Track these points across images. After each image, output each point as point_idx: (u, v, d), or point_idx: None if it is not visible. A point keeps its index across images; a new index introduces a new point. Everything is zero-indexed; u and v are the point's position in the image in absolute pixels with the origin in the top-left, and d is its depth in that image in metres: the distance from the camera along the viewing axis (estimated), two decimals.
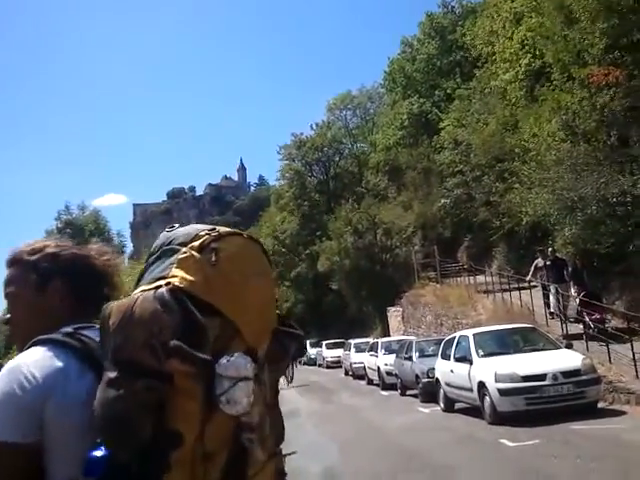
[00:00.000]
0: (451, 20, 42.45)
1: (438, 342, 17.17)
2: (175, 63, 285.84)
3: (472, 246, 34.81)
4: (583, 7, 16.53)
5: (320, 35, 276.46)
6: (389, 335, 32.29)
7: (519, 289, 20.35)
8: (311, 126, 54.25)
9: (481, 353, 12.55)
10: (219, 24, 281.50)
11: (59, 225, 36.65)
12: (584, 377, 10.96)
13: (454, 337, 14.55)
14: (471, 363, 12.37)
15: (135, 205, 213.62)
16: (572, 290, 16.37)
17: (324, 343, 39.31)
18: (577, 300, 15.68)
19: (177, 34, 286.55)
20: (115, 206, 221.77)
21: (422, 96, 41.41)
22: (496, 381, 11.15)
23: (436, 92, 40.68)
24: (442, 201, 32.77)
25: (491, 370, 11.44)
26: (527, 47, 23.90)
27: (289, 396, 24.44)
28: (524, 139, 21.39)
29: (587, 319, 14.71)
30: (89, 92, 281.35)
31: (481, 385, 11.66)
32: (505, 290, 21.67)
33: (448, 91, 38.33)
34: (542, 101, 20.40)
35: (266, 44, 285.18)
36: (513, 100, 25.34)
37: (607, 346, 13.02)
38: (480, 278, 25.58)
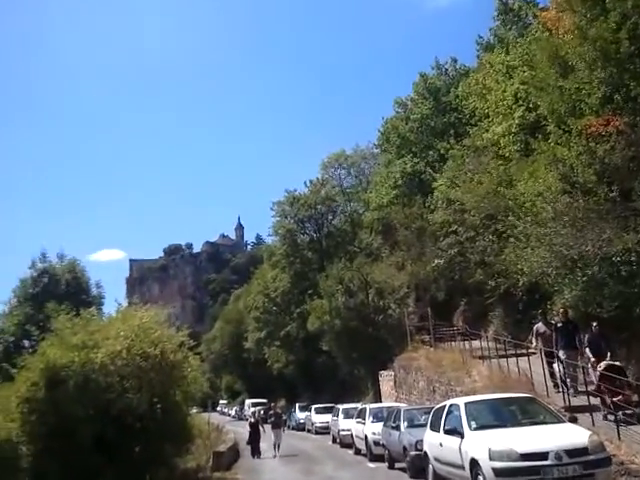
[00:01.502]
0: (445, 82, 42.46)
1: (429, 411, 15.70)
2: (173, 120, 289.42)
3: (468, 310, 33.82)
4: (579, 55, 15.85)
5: (317, 94, 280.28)
6: (381, 400, 31.10)
7: (516, 355, 19.34)
8: (305, 183, 53.87)
9: (474, 425, 11.12)
10: (216, 80, 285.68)
11: (34, 274, 35.40)
12: (592, 457, 9.52)
13: (444, 406, 13.12)
14: (462, 436, 10.97)
15: (132, 261, 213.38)
16: (588, 359, 14.63)
17: (313, 407, 37.66)
18: (597, 373, 13.83)
19: (176, 91, 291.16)
20: (112, 261, 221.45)
21: (416, 156, 41.02)
22: (491, 459, 9.76)
23: (430, 152, 40.32)
24: (436, 261, 31.78)
25: (485, 446, 10.05)
26: (521, 100, 23.35)
27: (271, 465, 22.93)
28: (519, 194, 20.43)
29: (609, 399, 12.91)
30: (86, 149, 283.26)
31: (474, 463, 10.24)
32: (502, 356, 20.54)
33: (442, 151, 38.01)
34: (537, 154, 19.56)
35: (263, 101, 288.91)
36: (507, 154, 24.58)
37: (616, 421, 11.57)
38: (476, 343, 24.51)
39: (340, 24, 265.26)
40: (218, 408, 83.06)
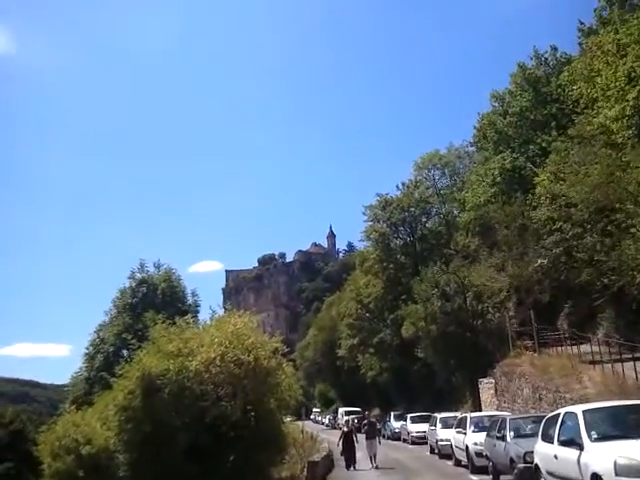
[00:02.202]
0: (544, 72, 40.32)
1: (537, 420, 14.60)
2: (263, 132, 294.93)
3: (573, 312, 31.77)
4: None
5: (407, 95, 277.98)
6: (481, 409, 29.67)
7: (633, 359, 17.84)
8: (397, 186, 52.44)
9: (594, 436, 9.74)
10: (305, 88, 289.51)
11: (132, 284, 36.04)
12: None
13: (558, 414, 11.73)
14: (581, 448, 9.65)
15: (227, 271, 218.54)
16: None
17: (409, 416, 36.24)
18: None
19: (266, 104, 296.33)
20: (210, 272, 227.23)
21: (515, 151, 39.07)
22: (617, 474, 8.49)
23: (530, 146, 38.30)
24: (539, 261, 29.90)
25: (609, 459, 8.71)
26: (635, 80, 21.29)
27: (367, 477, 22.01)
28: (637, 182, 18.60)
29: None
30: (184, 167, 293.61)
31: (595, 478, 8.96)
32: (616, 360, 19.06)
33: (543, 145, 36.08)
34: None
35: (354, 106, 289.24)
36: (620, 140, 22.59)
37: None
38: (584, 347, 22.93)
39: (427, 23, 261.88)
40: (311, 416, 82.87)
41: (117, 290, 36.19)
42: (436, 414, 28.63)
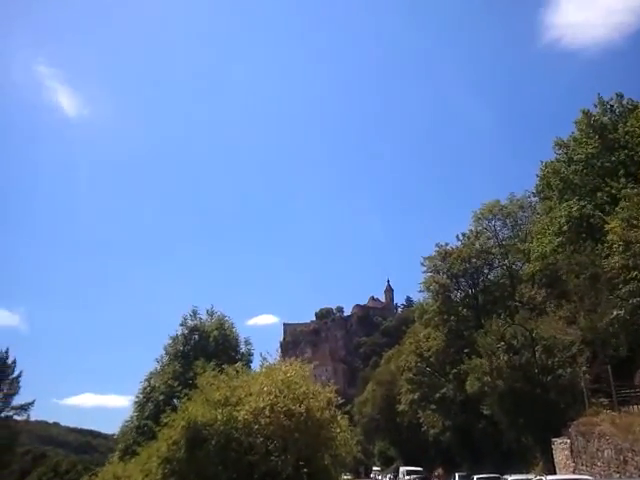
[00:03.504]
0: (610, 119, 38.83)
1: None
2: (321, 182, 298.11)
3: None
4: None
5: (465, 144, 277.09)
6: (555, 471, 27.53)
7: None
8: (457, 236, 51.16)
9: None
10: (362, 135, 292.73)
11: (185, 331, 35.33)
12: None
13: None
14: None
15: (285, 325, 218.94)
16: None
17: (475, 477, 34.02)
18: None
19: (325, 153, 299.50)
20: (267, 325, 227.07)
21: (582, 199, 37.27)
22: None
23: (598, 194, 36.55)
24: (614, 312, 27.90)
25: None
26: None
27: None
28: None
29: None
30: (244, 224, 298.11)
31: None
32: None
33: (612, 192, 34.34)
34: None
35: (413, 156, 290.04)
36: None
37: None
38: None
39: (489, 68, 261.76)
40: (371, 475, 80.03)
41: (169, 337, 35.58)
42: (506, 476, 26.61)
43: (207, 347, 33.02)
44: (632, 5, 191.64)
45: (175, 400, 26.51)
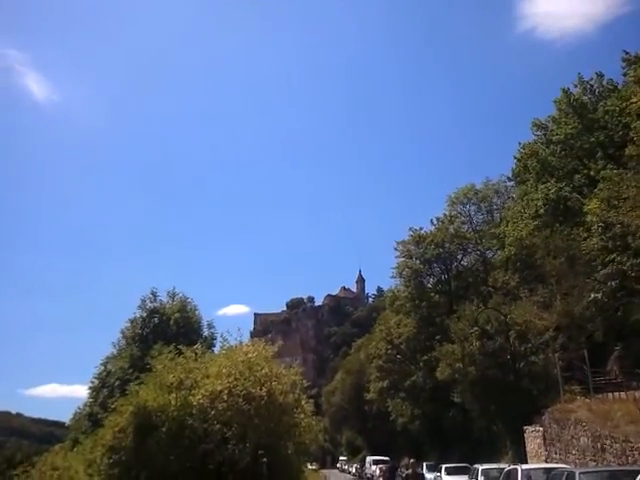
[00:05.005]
0: (590, 99, 37.87)
1: (618, 475, 12.41)
2: (292, 171, 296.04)
3: (625, 356, 28.61)
4: None
5: (437, 130, 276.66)
6: (526, 460, 26.34)
7: None
8: (431, 221, 49.99)
9: None
10: (333, 125, 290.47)
11: (143, 314, 33.65)
12: None
13: None
14: None
15: (256, 314, 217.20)
16: None
17: (443, 467, 32.88)
18: None
19: (292, 144, 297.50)
20: (238, 315, 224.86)
21: (559, 181, 36.35)
22: None
23: (576, 176, 35.71)
24: (592, 295, 26.94)
25: None
26: None
27: None
28: None
29: None
30: (215, 216, 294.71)
31: None
32: None
33: (591, 173, 33.44)
34: None
35: (384, 144, 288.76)
36: None
37: None
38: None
39: (465, 52, 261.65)
40: (338, 465, 79.12)
41: (127, 320, 33.88)
42: (477, 465, 25.47)
43: (167, 330, 31.44)
44: None
45: (131, 385, 24.97)
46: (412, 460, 20.55)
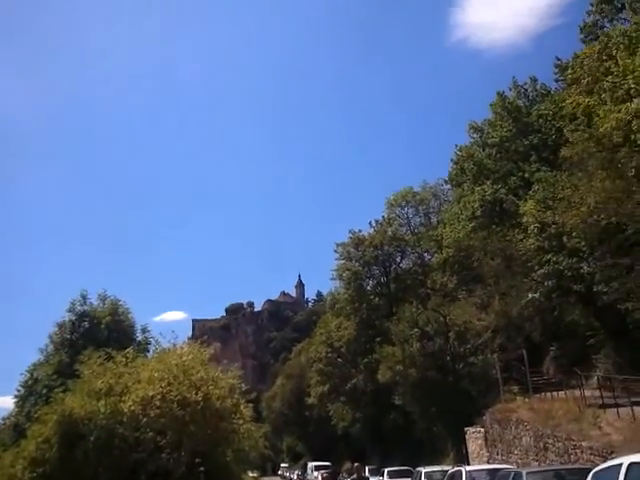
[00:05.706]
0: (524, 103, 38.64)
1: (563, 473, 11.91)
2: (231, 174, 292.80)
3: (561, 355, 29.10)
4: None
5: (375, 134, 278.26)
6: (467, 461, 26.32)
7: None
8: (370, 223, 49.99)
9: None
10: (270, 128, 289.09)
11: (72, 318, 32.24)
12: None
13: (618, 466, 8.65)
14: None
15: (194, 320, 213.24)
16: None
17: (386, 471, 32.58)
18: None
19: (231, 148, 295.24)
20: (175, 321, 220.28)
21: (495, 183, 36.82)
22: None
23: (511, 178, 36.23)
24: (530, 295, 27.23)
25: None
26: None
27: None
28: None
29: None
30: (150, 217, 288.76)
31: None
32: (636, 403, 16.60)
33: (525, 175, 34.05)
34: None
35: (322, 147, 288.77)
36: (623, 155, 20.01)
37: None
38: (577, 392, 21.05)
39: (402, 54, 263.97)
40: (279, 472, 78.21)
41: (54, 324, 32.35)
42: (420, 468, 25.16)
43: (98, 335, 30.11)
44: (536, 7, 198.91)
45: (55, 392, 23.71)
46: (357, 464, 20.05)
